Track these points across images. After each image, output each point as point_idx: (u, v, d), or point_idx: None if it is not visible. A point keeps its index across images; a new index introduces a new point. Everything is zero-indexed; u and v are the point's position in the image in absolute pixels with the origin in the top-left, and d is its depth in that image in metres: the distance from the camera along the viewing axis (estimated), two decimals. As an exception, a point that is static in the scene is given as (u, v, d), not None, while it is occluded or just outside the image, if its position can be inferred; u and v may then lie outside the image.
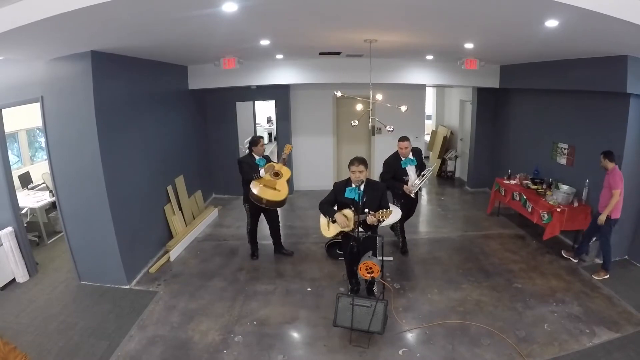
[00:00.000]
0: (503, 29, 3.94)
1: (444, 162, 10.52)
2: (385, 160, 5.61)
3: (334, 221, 4.22)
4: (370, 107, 4.91)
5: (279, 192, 5.35)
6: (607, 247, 5.14)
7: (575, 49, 4.72)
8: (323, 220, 4.54)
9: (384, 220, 3.96)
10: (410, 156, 5.44)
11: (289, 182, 5.61)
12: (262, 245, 6.13)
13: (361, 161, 4.09)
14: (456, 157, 10.34)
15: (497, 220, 7.24)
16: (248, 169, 5.44)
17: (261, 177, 5.40)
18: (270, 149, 12.68)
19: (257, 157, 5.58)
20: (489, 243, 6.27)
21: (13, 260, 5.33)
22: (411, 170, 5.46)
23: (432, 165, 5.43)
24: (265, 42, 4.84)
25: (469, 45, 5.12)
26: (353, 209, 4.10)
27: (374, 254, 4.17)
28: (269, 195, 5.30)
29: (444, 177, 10.44)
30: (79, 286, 5.25)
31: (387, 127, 4.81)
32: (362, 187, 4.10)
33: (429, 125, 11.91)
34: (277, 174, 5.46)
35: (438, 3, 3.02)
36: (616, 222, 5.05)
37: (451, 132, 10.63)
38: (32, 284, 5.37)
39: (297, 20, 3.73)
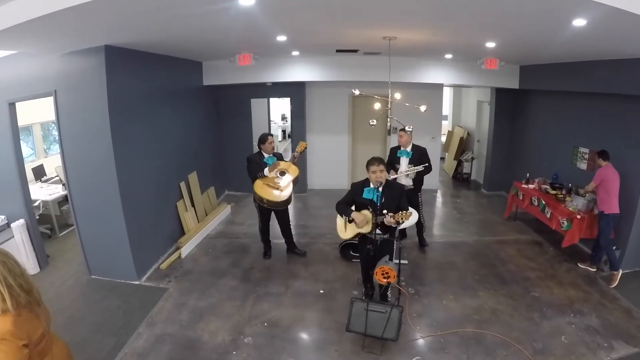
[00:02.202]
0: (529, 27, 3.81)
1: (460, 164, 10.35)
2: (391, 148, 6.00)
3: (350, 221, 4.12)
4: (389, 106, 4.78)
5: (281, 192, 5.26)
6: (607, 244, 5.11)
7: (601, 49, 4.56)
8: (340, 221, 4.45)
9: (402, 222, 3.86)
10: (409, 149, 5.64)
11: (297, 181, 5.49)
12: (274, 244, 6.05)
13: (380, 161, 3.99)
14: (472, 158, 10.16)
15: (514, 225, 7.09)
16: (255, 168, 5.35)
17: (265, 177, 5.31)
18: (284, 147, 12.63)
19: (266, 155, 5.47)
20: (505, 249, 6.12)
21: (24, 252, 5.34)
22: (404, 161, 5.70)
23: (424, 165, 5.45)
24: (281, 39, 4.74)
25: (490, 44, 4.98)
26: (371, 210, 3.99)
27: (391, 258, 4.06)
28: (270, 195, 5.23)
29: (460, 179, 10.27)
30: (89, 280, 5.23)
31: (407, 127, 4.70)
32: (380, 188, 3.99)
33: (445, 125, 11.72)
34: (282, 173, 5.36)
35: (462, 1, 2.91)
36: (615, 218, 5.07)
37: (468, 133, 10.46)
38: (42, 276, 5.37)
39: (315, 16, 3.63)
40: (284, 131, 14.18)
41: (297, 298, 4.84)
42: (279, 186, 5.28)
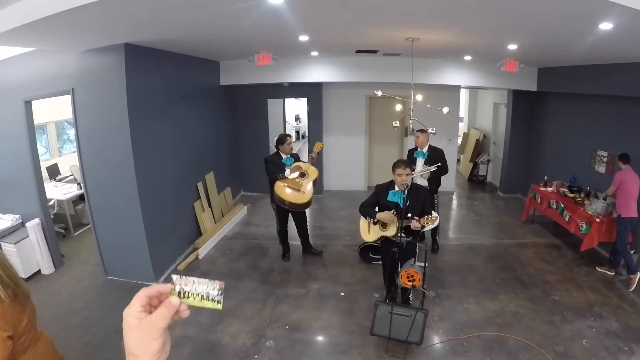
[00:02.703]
0: (554, 30, 3.76)
1: (475, 166, 10.29)
2: (409, 149, 6.02)
3: (375, 223, 4.07)
4: (412, 107, 4.74)
5: (303, 194, 5.19)
6: (624, 247, 5.07)
7: (625, 52, 4.51)
8: (363, 223, 4.39)
9: (426, 225, 3.81)
10: (425, 150, 5.62)
11: (316, 182, 5.43)
12: (291, 246, 5.99)
13: (407, 164, 3.95)
14: (488, 161, 10.10)
15: (532, 228, 7.03)
16: (273, 168, 5.28)
17: (286, 178, 5.24)
18: (298, 147, 12.57)
19: (284, 156, 5.41)
20: (523, 252, 6.07)
21: (39, 251, 5.29)
22: (419, 162, 5.68)
23: (436, 165, 5.44)
24: (303, 38, 4.69)
25: (512, 46, 4.93)
26: (395, 213, 3.94)
27: (414, 261, 4.02)
28: (292, 197, 5.15)
29: (475, 182, 10.20)
30: (104, 281, 5.18)
31: (430, 130, 4.65)
32: (405, 191, 3.94)
33: (461, 127, 11.61)
34: (303, 175, 5.29)
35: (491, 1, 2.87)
36: (632, 221, 5.04)
37: (484, 135, 10.39)
38: (57, 277, 5.33)
39: (342, 16, 3.59)
40: (297, 132, 14.12)
41: (318, 300, 4.79)
42: (301, 188, 5.22)
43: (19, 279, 1.98)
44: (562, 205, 6.10)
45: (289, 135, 5.58)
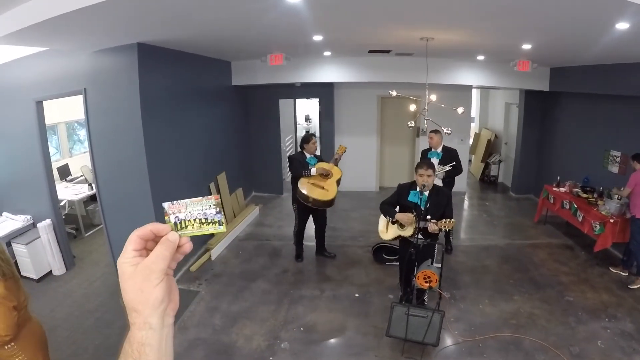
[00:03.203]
0: (570, 30, 3.73)
1: (487, 167, 10.24)
2: (422, 150, 6.01)
3: (393, 222, 4.04)
4: (426, 107, 4.70)
5: (327, 192, 5.16)
6: (638, 249, 5.03)
7: (640, 52, 4.47)
8: (382, 221, 4.36)
9: (446, 230, 3.77)
10: (439, 151, 5.64)
11: (340, 183, 5.40)
12: (305, 246, 5.96)
13: (430, 166, 3.91)
14: (500, 161, 10.04)
15: (544, 228, 6.99)
16: (298, 166, 5.26)
17: (311, 175, 5.22)
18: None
19: (308, 156, 5.40)
20: (537, 253, 6.04)
21: (50, 252, 5.28)
22: (434, 162, 5.59)
23: (451, 165, 5.42)
24: (317, 38, 4.66)
25: (526, 46, 4.89)
26: (415, 213, 3.91)
27: (432, 262, 3.99)
28: (316, 194, 5.11)
29: (487, 182, 10.15)
30: (116, 282, 5.08)
31: (445, 130, 4.61)
32: (426, 193, 3.91)
33: (472, 127, 11.58)
34: (327, 174, 5.28)
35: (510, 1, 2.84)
36: None
37: (495, 135, 10.33)
38: (68, 277, 5.32)
39: (358, 15, 3.56)
40: (307, 132, 14.08)
41: (333, 302, 4.77)
42: (325, 186, 5.20)
43: (12, 262, 2.20)
44: (576, 206, 6.06)
45: (314, 135, 5.57)
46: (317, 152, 5.66)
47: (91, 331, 4.21)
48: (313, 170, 5.23)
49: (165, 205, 0.78)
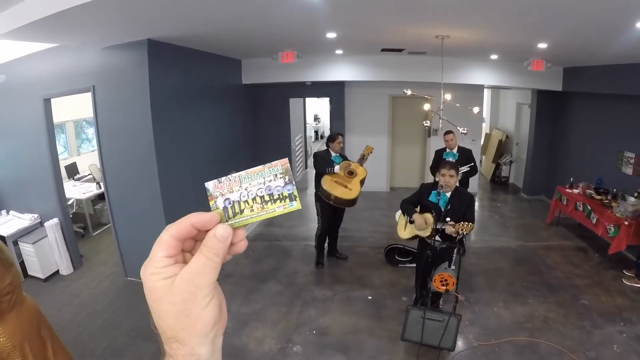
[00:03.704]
0: (588, 28, 3.68)
1: (498, 167, 10.14)
2: (436, 150, 6.01)
3: (411, 222, 3.96)
4: (441, 107, 4.63)
5: (350, 190, 5.06)
6: None
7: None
8: (401, 220, 4.29)
9: (463, 233, 3.69)
10: (455, 151, 5.61)
11: (364, 183, 5.31)
12: (310, 247, 5.91)
13: (453, 166, 3.83)
14: (511, 162, 9.95)
15: (557, 230, 6.92)
16: (323, 163, 5.16)
17: (334, 173, 5.13)
18: (317, 147, 12.48)
19: (333, 154, 5.31)
20: (550, 255, 5.96)
21: (57, 251, 5.22)
22: None
23: (469, 166, 5.37)
24: (331, 35, 4.59)
25: (542, 45, 4.82)
26: (434, 214, 3.84)
27: (449, 265, 3.91)
28: (338, 192, 5.00)
29: (498, 183, 10.05)
30: (125, 282, 5.10)
31: (461, 130, 4.54)
32: (448, 194, 3.83)
33: (483, 128, 11.45)
34: (351, 173, 5.18)
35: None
36: None
37: (506, 135, 10.23)
38: (76, 277, 5.26)
39: (374, 12, 3.50)
40: (316, 132, 14.00)
41: (345, 304, 4.69)
42: (349, 184, 5.11)
43: (2, 246, 2.10)
44: (590, 208, 5.97)
45: (340, 134, 5.45)
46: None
47: (98, 333, 4.15)
48: (336, 168, 5.13)
49: (210, 185, 0.60)
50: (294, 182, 0.59)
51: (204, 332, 0.53)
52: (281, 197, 0.58)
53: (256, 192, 0.58)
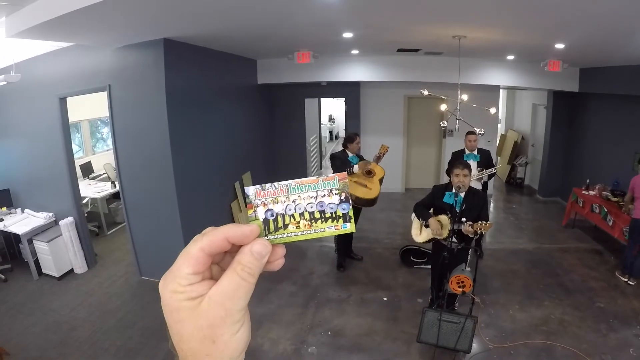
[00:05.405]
0: (607, 28, 3.62)
1: (513, 169, 10.05)
2: (453, 152, 5.80)
3: (427, 226, 3.93)
4: (458, 107, 4.59)
5: (370, 190, 5.02)
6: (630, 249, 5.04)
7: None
8: (416, 223, 4.25)
9: (481, 233, 3.66)
10: (475, 152, 5.47)
11: (382, 182, 5.26)
12: (329, 248, 5.91)
13: (466, 166, 3.78)
14: (526, 163, 9.84)
15: (573, 232, 6.84)
16: (340, 164, 5.13)
17: (353, 173, 5.10)
18: (332, 147, 12.46)
19: (350, 154, 5.27)
20: (566, 257, 5.90)
21: (72, 250, 5.25)
22: (472, 165, 5.38)
23: (496, 167, 5.29)
24: (347, 36, 4.57)
25: (559, 45, 4.76)
26: (449, 215, 3.80)
27: (465, 266, 3.87)
28: (359, 192, 4.95)
29: (513, 184, 9.95)
30: (139, 281, 5.11)
31: (478, 130, 4.50)
32: (462, 194, 3.79)
33: (498, 129, 11.32)
34: (369, 172, 5.14)
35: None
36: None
37: (522, 137, 10.11)
38: (90, 276, 5.29)
39: (392, 11, 3.47)
40: (330, 132, 13.95)
41: (360, 306, 4.67)
42: (369, 184, 5.07)
43: None
44: (606, 210, 5.90)
45: (358, 135, 5.42)
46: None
47: (112, 332, 4.16)
48: (355, 168, 5.10)
49: (250, 191, 0.52)
50: (350, 201, 0.52)
51: (231, 358, 0.47)
52: (334, 216, 0.51)
53: (305, 207, 0.51)
